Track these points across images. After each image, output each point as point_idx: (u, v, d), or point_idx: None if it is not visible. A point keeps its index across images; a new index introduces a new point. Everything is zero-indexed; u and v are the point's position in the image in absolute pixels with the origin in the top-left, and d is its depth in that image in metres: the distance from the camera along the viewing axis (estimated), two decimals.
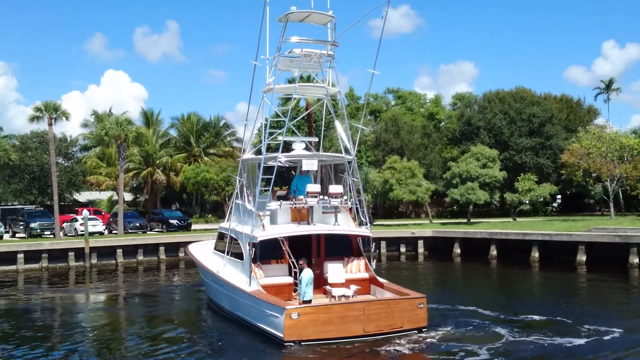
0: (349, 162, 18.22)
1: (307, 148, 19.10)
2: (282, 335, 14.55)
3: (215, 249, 21.27)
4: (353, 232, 17.93)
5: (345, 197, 17.93)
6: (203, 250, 22.57)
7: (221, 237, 20.47)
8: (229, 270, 18.57)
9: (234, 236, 18.62)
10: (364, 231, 17.80)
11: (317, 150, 21.22)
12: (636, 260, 28.37)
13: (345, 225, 17.95)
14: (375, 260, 18.19)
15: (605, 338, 15.18)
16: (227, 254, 19.09)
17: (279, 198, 18.31)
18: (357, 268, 17.92)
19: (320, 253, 18.18)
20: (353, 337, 14.81)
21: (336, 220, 17.82)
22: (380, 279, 17.79)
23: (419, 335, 15.34)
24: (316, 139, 21.06)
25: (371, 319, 14.94)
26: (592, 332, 15.71)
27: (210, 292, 20.90)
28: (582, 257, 30.12)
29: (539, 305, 20.27)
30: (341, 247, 18.28)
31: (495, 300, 21.94)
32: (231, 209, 20.12)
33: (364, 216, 17.75)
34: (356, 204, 17.78)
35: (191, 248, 23.77)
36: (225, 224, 20.47)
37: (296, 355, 14.05)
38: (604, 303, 21.35)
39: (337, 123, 19.12)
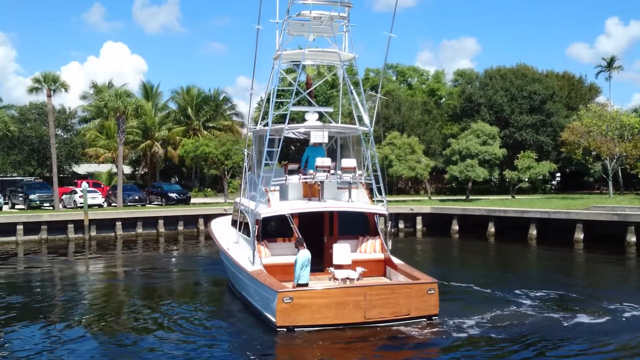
0: (366, 134, 16.70)
1: (321, 118, 17.43)
2: (274, 320, 13.46)
3: (231, 223, 20.26)
4: (365, 210, 16.60)
5: (360, 172, 16.64)
6: (222, 225, 21.52)
7: (236, 211, 19.29)
8: (238, 247, 17.65)
9: (244, 211, 17.50)
10: (379, 208, 16.45)
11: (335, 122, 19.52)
12: (633, 239, 28.45)
13: (359, 201, 16.69)
14: (391, 240, 16.91)
15: (626, 315, 14.95)
16: (239, 230, 18.07)
17: (292, 172, 16.85)
18: (372, 248, 16.63)
19: (334, 232, 16.85)
20: (353, 324, 13.55)
21: (350, 196, 16.49)
22: (396, 260, 16.41)
23: (427, 323, 14.02)
24: (331, 109, 19.48)
25: (373, 304, 13.61)
26: (609, 310, 15.41)
27: (225, 268, 19.94)
28: (579, 235, 30.20)
29: (545, 282, 19.71)
30: (356, 226, 16.97)
31: (500, 278, 21.69)
32: (244, 182, 19.06)
33: (380, 192, 16.43)
34: (372, 179, 16.52)
35: (213, 223, 22.59)
36: (238, 198, 19.41)
37: (286, 343, 12.98)
38: (611, 281, 21.35)
39: (353, 91, 17.35)
